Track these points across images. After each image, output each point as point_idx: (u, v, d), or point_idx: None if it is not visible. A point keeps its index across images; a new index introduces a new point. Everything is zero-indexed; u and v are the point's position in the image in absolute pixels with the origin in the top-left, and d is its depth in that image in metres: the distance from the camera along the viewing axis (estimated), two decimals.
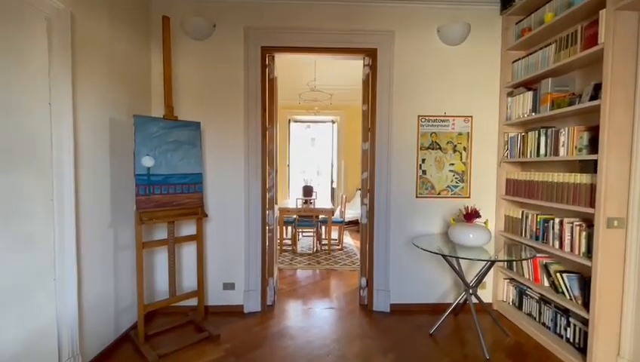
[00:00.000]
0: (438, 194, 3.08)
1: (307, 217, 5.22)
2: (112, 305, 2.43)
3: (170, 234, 2.58)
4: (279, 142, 7.56)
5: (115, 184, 2.43)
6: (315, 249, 5.22)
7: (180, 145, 2.57)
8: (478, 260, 2.46)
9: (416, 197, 3.07)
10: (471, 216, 2.55)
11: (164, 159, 2.47)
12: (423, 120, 3.04)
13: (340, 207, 6.38)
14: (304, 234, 6.06)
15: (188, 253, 2.99)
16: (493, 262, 2.59)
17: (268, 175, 3.10)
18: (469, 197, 3.09)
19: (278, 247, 5.07)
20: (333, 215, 5.26)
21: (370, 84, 3.08)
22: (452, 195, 3.08)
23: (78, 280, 2.03)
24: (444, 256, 2.47)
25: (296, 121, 8.11)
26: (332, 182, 8.08)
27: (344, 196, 5.61)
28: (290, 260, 4.71)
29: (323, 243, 5.54)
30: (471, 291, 2.61)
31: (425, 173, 3.07)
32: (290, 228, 5.66)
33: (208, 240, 3.03)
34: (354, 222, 7.08)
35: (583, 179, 2.19)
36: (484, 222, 2.67)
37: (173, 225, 2.60)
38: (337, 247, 5.43)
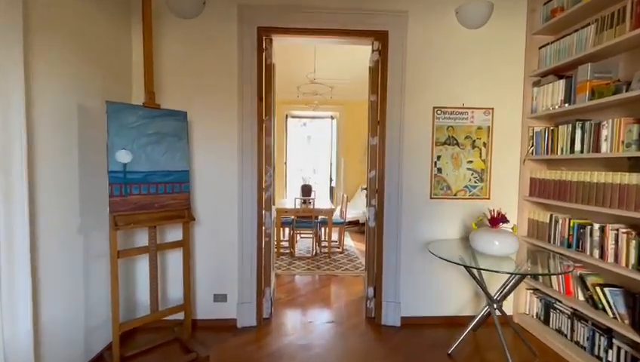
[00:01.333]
0: (455, 195, 2.76)
1: (306, 218, 4.89)
2: (82, 323, 2.08)
3: (151, 241, 2.23)
4: (276, 138, 7.27)
5: (87, 182, 2.08)
6: (314, 252, 4.90)
7: (163, 137, 2.23)
8: (512, 273, 2.14)
9: (431, 198, 2.75)
10: (496, 220, 2.24)
11: (143, 154, 2.12)
12: (438, 112, 2.71)
13: (340, 206, 6.06)
14: (302, 235, 5.73)
15: (174, 261, 2.65)
16: (524, 276, 2.27)
17: (265, 173, 2.77)
18: (488, 199, 2.78)
19: (275, 251, 4.73)
20: (333, 215, 4.93)
21: (379, 72, 2.74)
22: (470, 196, 2.77)
23: (34, 295, 1.68)
24: (467, 267, 2.15)
25: (294, 117, 7.77)
26: (331, 180, 7.75)
27: (345, 196, 5.28)
28: (288, 264, 4.38)
29: (323, 245, 5.21)
30: (495, 306, 2.30)
31: (440, 172, 2.75)
32: (287, 229, 5.33)
33: (197, 246, 2.68)
34: (354, 223, 6.77)
35: (632, 179, 1.88)
36: (512, 228, 2.36)
37: (156, 230, 2.25)
38: (338, 250, 5.11)
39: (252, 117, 2.64)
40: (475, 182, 2.76)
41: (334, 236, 5.79)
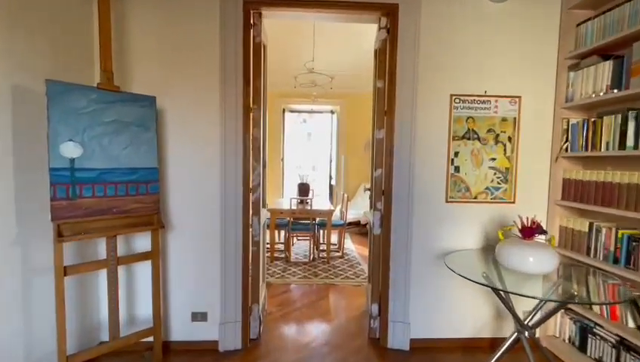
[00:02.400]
0: (475, 198, 2.36)
1: (303, 219, 4.49)
2: (20, 353, 1.69)
3: (110, 253, 1.83)
4: (271, 132, 6.84)
5: (24, 183, 1.68)
6: (311, 256, 4.51)
7: (125, 127, 1.82)
8: (563, 302, 1.74)
9: (447, 201, 2.35)
10: (531, 231, 1.84)
11: (98, 147, 1.72)
12: (457, 100, 2.31)
13: (340, 206, 5.67)
14: (299, 238, 5.34)
15: (144, 273, 2.24)
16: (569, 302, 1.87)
17: (252, 171, 2.37)
18: (513, 203, 2.37)
19: (269, 255, 4.35)
20: (332, 217, 4.53)
21: (387, 54, 2.33)
22: (492, 199, 2.37)
23: None
24: (497, 290, 1.75)
25: (292, 111, 7.35)
26: (330, 178, 7.35)
27: (346, 195, 4.89)
28: (282, 271, 3.99)
29: (321, 248, 4.83)
30: (527, 334, 1.91)
31: (458, 171, 2.35)
32: (283, 231, 4.93)
33: (171, 257, 2.29)
34: (354, 223, 6.37)
35: None
36: (548, 240, 1.96)
37: (115, 240, 1.85)
38: (337, 254, 4.72)
39: (236, 104, 2.24)
40: (499, 183, 2.36)
41: (333, 238, 5.40)
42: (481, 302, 2.41)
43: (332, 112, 7.20)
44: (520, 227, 1.89)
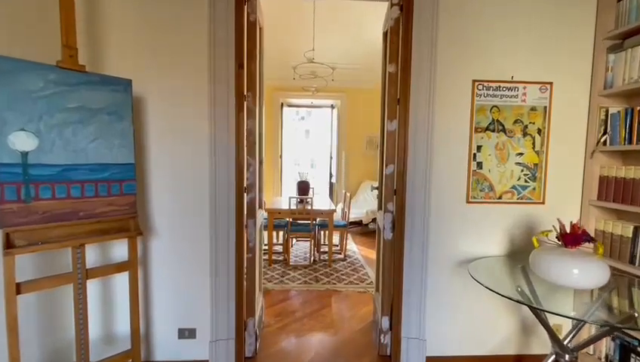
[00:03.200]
0: (499, 198, 2.08)
1: (302, 219, 4.21)
2: None
3: (76, 266, 1.54)
4: (269, 127, 6.55)
5: None
6: (312, 259, 4.23)
7: (93, 115, 1.52)
8: (627, 328, 1.47)
9: (468, 202, 2.07)
10: (576, 238, 1.55)
11: (58, 138, 1.42)
12: (480, 87, 2.02)
13: (341, 205, 5.39)
14: (299, 239, 5.05)
15: (125, 284, 1.95)
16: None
17: (246, 168, 2.08)
18: (542, 203, 2.10)
19: (266, 258, 4.07)
20: (334, 217, 4.24)
21: (401, 34, 2.04)
22: (518, 200, 2.09)
23: None
24: (537, 310, 1.48)
25: (290, 106, 7.05)
26: (331, 176, 7.06)
27: (348, 194, 4.60)
28: (280, 275, 3.71)
29: (322, 249, 4.55)
30: (568, 357, 1.63)
31: (481, 167, 2.07)
32: (282, 233, 4.65)
33: (155, 266, 2.00)
34: (356, 223, 6.10)
35: None
36: (594, 248, 1.69)
37: (83, 249, 1.56)
38: (339, 256, 4.44)
39: (228, 91, 1.95)
40: (526, 182, 2.09)
41: (335, 238, 5.12)
42: (506, 315, 2.14)
43: (332, 107, 6.90)
44: (560, 232, 1.62)
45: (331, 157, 7.01)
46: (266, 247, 4.36)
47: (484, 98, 2.03)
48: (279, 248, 4.62)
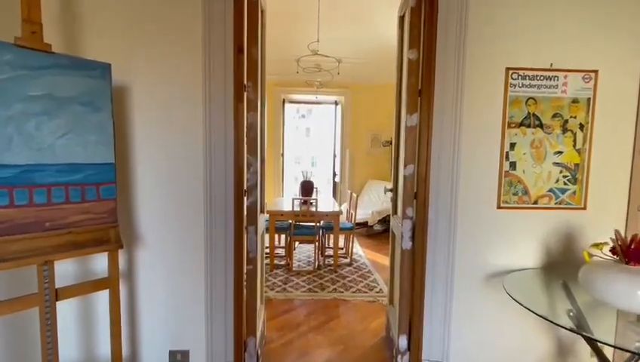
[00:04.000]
0: (534, 202, 1.83)
1: (306, 222, 3.96)
2: None
3: (42, 285, 1.29)
4: (270, 124, 6.29)
5: None
6: (316, 264, 3.98)
7: (62, 105, 1.27)
8: None
9: (499, 207, 1.82)
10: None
11: (17, 133, 1.17)
12: (514, 76, 1.77)
13: (347, 207, 5.14)
14: (302, 241, 4.79)
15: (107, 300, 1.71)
16: None
17: (247, 168, 1.82)
18: (583, 208, 1.84)
19: (268, 263, 3.82)
20: (339, 220, 3.99)
21: (424, 14, 1.78)
22: (556, 205, 1.83)
23: None
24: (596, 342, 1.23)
25: (292, 102, 6.79)
26: (334, 175, 6.81)
27: (355, 195, 4.35)
28: (283, 283, 3.46)
29: (327, 253, 4.30)
30: None
31: (514, 168, 1.81)
32: (284, 236, 4.40)
33: (142, 280, 1.75)
34: (362, 224, 5.84)
35: None
36: None
37: (52, 266, 1.30)
38: (345, 260, 4.19)
39: (225, 80, 1.69)
40: (565, 184, 1.83)
41: (339, 242, 4.87)
42: (540, 334, 1.89)
43: (336, 103, 6.63)
44: (619, 245, 1.36)
45: (335, 156, 6.74)
46: (267, 249, 4.12)
47: (519, 88, 1.77)
48: (281, 251, 4.38)
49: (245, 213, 1.84)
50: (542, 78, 1.77)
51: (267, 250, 4.11)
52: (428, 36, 1.76)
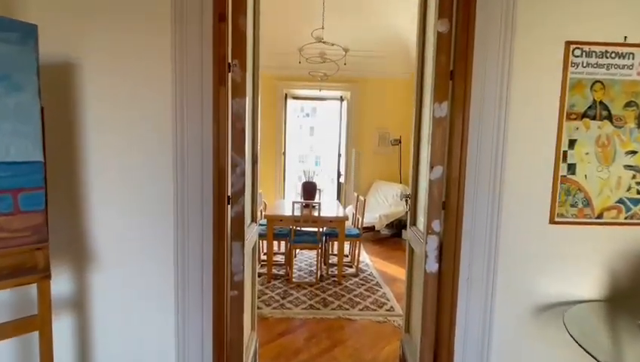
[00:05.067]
0: (599, 216, 1.43)
1: (308, 227, 3.57)
2: None
3: None
4: (271, 120, 5.89)
5: None
6: (318, 274, 3.58)
7: None
8: None
9: (552, 222, 1.42)
10: None
11: None
12: (577, 52, 1.36)
13: (351, 209, 4.75)
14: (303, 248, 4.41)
15: (62, 330, 1.33)
16: None
17: (231, 169, 1.44)
18: None
19: (265, 272, 3.45)
20: (346, 226, 3.59)
21: None
22: (627, 220, 1.43)
23: None
24: None
25: (295, 98, 6.40)
26: (339, 175, 6.41)
27: (362, 199, 3.95)
28: (281, 296, 3.08)
29: (330, 261, 3.91)
30: None
31: (573, 172, 1.41)
32: (283, 243, 4.02)
33: (96, 310, 1.37)
34: (368, 229, 5.44)
35: None
36: None
37: None
38: (350, 270, 3.81)
39: (202, 55, 1.31)
40: (639, 193, 1.43)
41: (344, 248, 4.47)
42: None
43: (341, 99, 6.23)
44: None
45: (339, 155, 6.35)
46: (264, 256, 3.76)
47: (583, 69, 1.37)
48: (280, 257, 4.00)
49: (229, 225, 1.46)
50: (613, 55, 1.37)
51: (264, 257, 3.75)
52: (464, 1, 1.37)
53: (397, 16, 4.88)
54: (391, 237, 5.47)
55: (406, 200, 1.94)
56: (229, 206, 1.45)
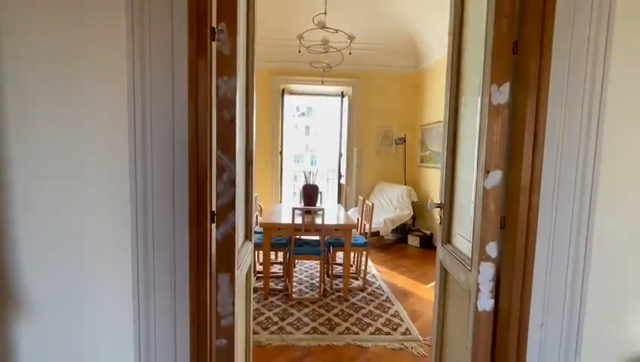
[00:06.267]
0: None
1: (309, 234, 3.19)
2: None
3: None
4: (267, 116, 5.47)
5: None
6: (321, 289, 3.19)
7: None
8: None
9: None
10: None
11: None
12: None
13: (355, 213, 4.38)
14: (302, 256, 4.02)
15: None
16: None
17: (217, 174, 1.04)
18: None
19: (262, 286, 3.06)
20: (352, 234, 3.20)
21: None
22: None
23: None
24: None
25: (292, 93, 6.01)
26: (340, 176, 6.03)
27: (369, 203, 3.55)
28: (280, 318, 2.68)
29: (335, 272, 3.53)
30: None
31: None
32: (281, 253, 3.62)
33: None
34: (372, 234, 5.06)
35: None
36: None
37: None
38: (356, 283, 3.42)
39: (173, 15, 0.91)
40: None
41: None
42: None
43: (342, 95, 5.84)
44: None
45: (340, 154, 5.96)
46: (260, 267, 3.38)
47: None
48: (278, 266, 3.60)
49: (213, 251, 1.07)
50: None
51: (260, 267, 3.36)
52: None
53: (403, 5, 4.53)
54: (396, 242, 5.10)
55: (442, 213, 1.57)
56: (214, 225, 1.06)
